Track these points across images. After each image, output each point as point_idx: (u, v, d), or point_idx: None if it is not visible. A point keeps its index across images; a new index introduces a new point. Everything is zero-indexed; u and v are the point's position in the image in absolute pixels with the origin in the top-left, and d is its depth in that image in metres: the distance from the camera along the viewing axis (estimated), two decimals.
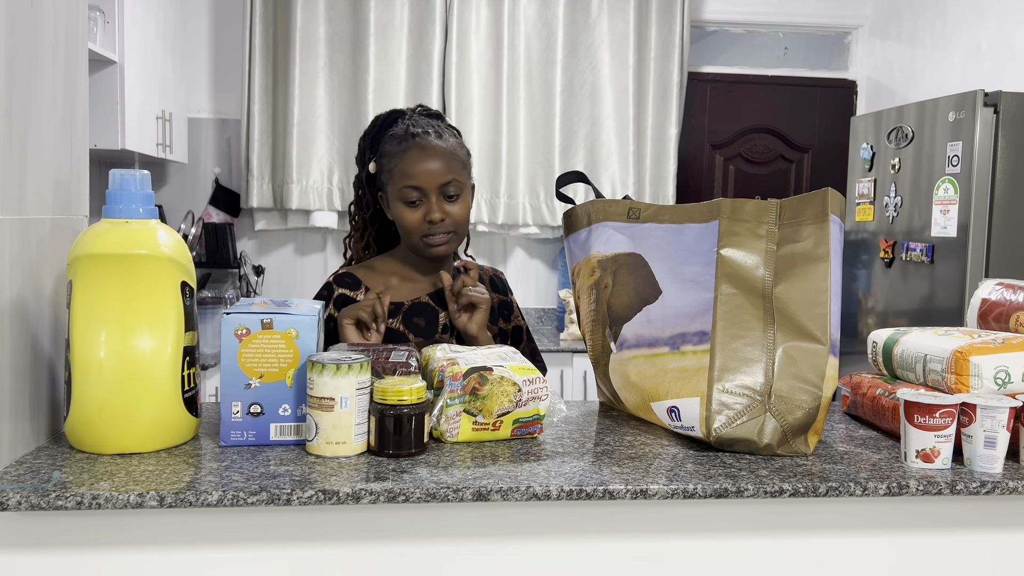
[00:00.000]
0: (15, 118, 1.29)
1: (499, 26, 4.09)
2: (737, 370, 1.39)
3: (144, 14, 3.40)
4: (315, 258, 4.23)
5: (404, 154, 1.64)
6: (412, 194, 1.62)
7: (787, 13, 4.45)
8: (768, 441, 1.36)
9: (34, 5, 1.34)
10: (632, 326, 1.52)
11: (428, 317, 1.70)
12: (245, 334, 1.33)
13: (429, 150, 1.63)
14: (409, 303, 1.70)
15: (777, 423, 1.36)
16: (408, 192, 1.63)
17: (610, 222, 1.58)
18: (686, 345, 1.44)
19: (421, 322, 1.69)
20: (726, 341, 1.40)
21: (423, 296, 1.71)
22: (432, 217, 1.62)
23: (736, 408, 1.37)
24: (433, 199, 1.63)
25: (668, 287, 1.49)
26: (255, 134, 3.97)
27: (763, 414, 1.37)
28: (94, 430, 1.29)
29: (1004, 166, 2.96)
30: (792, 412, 1.37)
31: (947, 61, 3.83)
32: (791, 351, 1.39)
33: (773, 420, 1.36)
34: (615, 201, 1.59)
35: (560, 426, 1.52)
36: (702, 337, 1.42)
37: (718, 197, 4.50)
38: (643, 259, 1.53)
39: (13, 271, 1.27)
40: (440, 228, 1.63)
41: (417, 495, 1.18)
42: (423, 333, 1.69)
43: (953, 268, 3.05)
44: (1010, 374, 1.41)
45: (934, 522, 1.37)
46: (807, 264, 1.44)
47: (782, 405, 1.37)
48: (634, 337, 1.52)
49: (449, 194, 1.64)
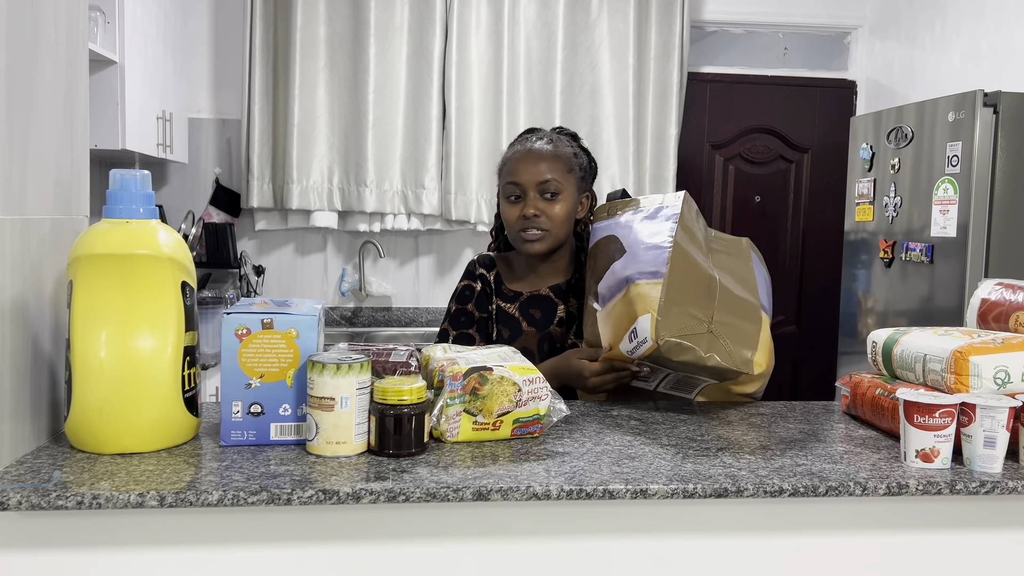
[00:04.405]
0: (15, 118, 1.29)
1: (499, 26, 4.09)
2: (684, 300, 1.58)
3: (144, 14, 3.40)
4: (315, 258, 4.23)
5: (513, 156, 1.80)
6: (513, 190, 1.76)
7: (787, 13, 4.45)
8: (711, 353, 1.52)
9: (34, 5, 1.34)
10: (604, 281, 1.69)
11: (545, 309, 1.83)
12: (245, 334, 1.33)
13: (533, 151, 1.77)
14: (528, 294, 1.82)
15: (721, 344, 1.55)
16: (510, 188, 1.76)
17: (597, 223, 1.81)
18: (642, 279, 1.61)
19: (537, 313, 1.81)
20: (676, 276, 1.60)
21: (543, 289, 1.83)
22: (526, 212, 1.73)
23: (683, 323, 1.54)
24: (530, 195, 1.74)
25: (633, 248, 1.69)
26: (255, 134, 3.97)
27: (707, 334, 1.55)
28: (94, 430, 1.29)
29: (1004, 166, 2.96)
30: (735, 341, 1.57)
31: (947, 61, 3.83)
32: (731, 296, 1.62)
33: (718, 341, 1.55)
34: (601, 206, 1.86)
35: (560, 426, 1.53)
36: (655, 275, 1.60)
37: (718, 197, 4.52)
38: (616, 236, 1.74)
39: (13, 271, 1.27)
40: (534, 224, 1.74)
41: (417, 495, 1.18)
42: (537, 324, 1.80)
43: (953, 268, 3.05)
44: (1010, 374, 1.41)
45: (934, 522, 1.37)
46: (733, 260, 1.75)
47: (725, 332, 1.57)
48: (606, 289, 1.68)
49: (548, 192, 1.74)
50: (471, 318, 1.82)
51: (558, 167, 1.76)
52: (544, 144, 1.78)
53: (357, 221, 4.13)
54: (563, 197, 1.75)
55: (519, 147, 1.81)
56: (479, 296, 1.82)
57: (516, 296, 1.82)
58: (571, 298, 1.85)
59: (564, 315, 1.82)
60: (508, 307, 1.81)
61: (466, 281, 1.85)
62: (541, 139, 1.80)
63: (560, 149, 1.79)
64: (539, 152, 1.76)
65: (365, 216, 4.12)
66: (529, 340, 1.81)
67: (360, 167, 4.04)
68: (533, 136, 1.83)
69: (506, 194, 1.77)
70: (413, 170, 4.10)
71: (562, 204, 1.75)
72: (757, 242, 2.05)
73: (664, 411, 1.68)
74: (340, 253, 4.24)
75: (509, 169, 1.78)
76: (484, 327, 1.82)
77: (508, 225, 1.78)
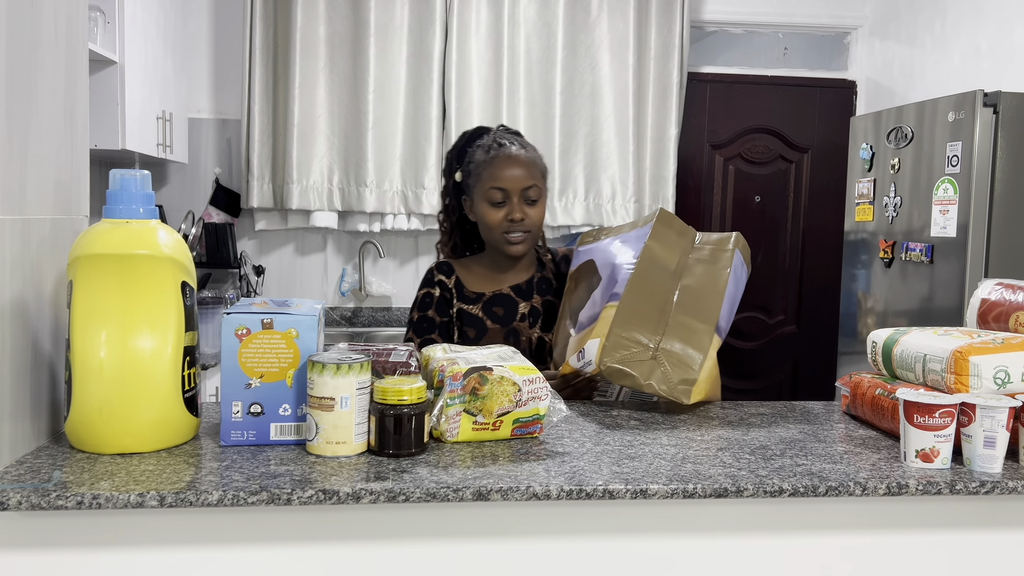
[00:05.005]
0: (15, 118, 1.29)
1: (499, 26, 4.09)
2: (634, 324, 1.65)
3: (144, 14, 3.40)
4: (315, 258, 4.23)
5: (493, 160, 1.86)
6: (497, 195, 1.84)
7: (787, 13, 4.45)
8: (651, 382, 1.59)
9: (34, 5, 1.34)
10: (586, 310, 1.78)
11: (507, 307, 1.90)
12: (245, 334, 1.33)
13: (515, 158, 1.86)
14: (490, 294, 1.90)
15: (661, 372, 1.61)
16: (494, 193, 1.83)
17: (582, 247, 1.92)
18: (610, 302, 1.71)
19: (500, 311, 1.90)
20: (630, 300, 1.68)
21: (504, 288, 1.91)
22: (514, 216, 1.83)
23: (628, 351, 1.62)
24: (515, 200, 1.83)
25: (605, 273, 1.78)
26: (255, 134, 3.97)
27: (650, 360, 1.62)
28: (94, 430, 1.29)
29: (1003, 166, 2.96)
30: (676, 367, 1.61)
31: (947, 61, 3.83)
32: (683, 321, 1.67)
33: (659, 369, 1.61)
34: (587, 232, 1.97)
35: (560, 426, 1.53)
36: (615, 296, 1.70)
37: (718, 197, 4.52)
38: (594, 262, 1.84)
39: (13, 271, 1.27)
40: (519, 227, 1.84)
41: (417, 495, 1.18)
42: (501, 320, 1.88)
43: (953, 268, 3.05)
44: (1009, 374, 1.41)
45: (934, 522, 1.37)
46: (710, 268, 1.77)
47: (668, 359, 1.63)
48: (586, 319, 1.76)
49: (530, 198, 1.85)
50: (432, 324, 1.89)
51: (536, 173, 1.87)
52: (520, 150, 1.88)
53: (357, 221, 4.13)
54: (541, 201, 1.88)
55: (497, 152, 1.87)
56: (439, 302, 1.90)
57: (479, 297, 1.89)
58: (534, 295, 1.93)
59: (527, 311, 1.90)
60: (471, 308, 1.88)
61: (425, 289, 1.92)
62: (515, 144, 1.89)
63: (534, 155, 1.90)
64: (520, 158, 1.86)
65: (365, 216, 4.12)
66: (495, 336, 1.88)
67: (360, 167, 4.04)
68: (504, 140, 1.90)
69: (490, 198, 1.84)
70: (413, 170, 4.10)
71: (540, 208, 1.87)
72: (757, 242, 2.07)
73: (664, 411, 1.68)
74: (340, 253, 4.24)
75: (492, 174, 1.84)
76: (446, 332, 1.90)
77: (491, 227, 1.85)
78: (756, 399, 2.48)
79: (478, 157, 1.89)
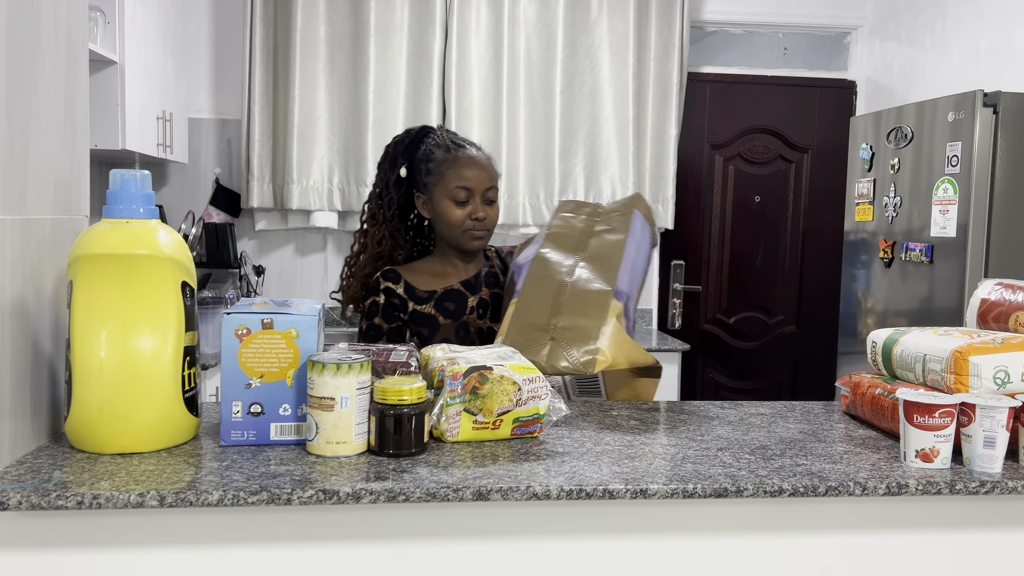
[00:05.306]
0: (15, 118, 1.29)
1: (499, 26, 4.09)
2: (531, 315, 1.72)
3: (144, 14, 3.40)
4: (315, 258, 4.23)
5: (457, 160, 1.91)
6: (462, 194, 1.88)
7: (787, 13, 4.45)
8: (552, 363, 1.62)
9: (34, 5, 1.34)
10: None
11: (458, 301, 1.93)
12: (245, 334, 1.33)
13: (475, 159, 1.93)
14: (442, 290, 1.94)
15: (562, 351, 1.63)
16: (459, 192, 1.88)
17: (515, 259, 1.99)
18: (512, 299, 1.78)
19: (451, 306, 1.93)
20: (528, 291, 1.77)
21: (454, 284, 1.95)
22: (478, 215, 1.89)
23: (524, 337, 1.67)
24: (478, 199, 1.89)
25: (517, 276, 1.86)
26: (255, 134, 3.97)
27: (549, 342, 1.65)
28: (94, 430, 1.29)
29: (1003, 166, 2.96)
30: (573, 342, 1.64)
31: (947, 61, 3.83)
32: (578, 294, 1.73)
33: (559, 349, 1.64)
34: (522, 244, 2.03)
35: (560, 426, 1.53)
36: (516, 294, 1.78)
37: (718, 197, 4.52)
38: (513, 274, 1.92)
39: (14, 271, 1.27)
40: (481, 225, 1.91)
41: (417, 495, 1.18)
42: (452, 315, 1.92)
43: (952, 268, 3.05)
44: (1009, 374, 1.41)
45: (934, 522, 1.37)
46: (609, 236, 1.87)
47: (564, 336, 1.66)
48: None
49: (490, 199, 1.92)
50: (380, 331, 1.90)
51: (494, 175, 1.95)
52: (479, 152, 1.96)
53: (357, 221, 4.12)
54: (497, 201, 1.95)
55: (459, 152, 1.92)
56: (384, 308, 1.91)
57: (431, 295, 1.93)
58: (482, 287, 1.98)
59: (476, 303, 1.95)
60: (424, 308, 1.92)
61: (371, 298, 1.93)
62: (472, 146, 1.96)
63: (489, 158, 1.98)
64: (480, 160, 1.93)
65: None
66: (447, 331, 1.91)
67: (360, 167, 4.04)
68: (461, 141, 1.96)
69: (454, 196, 1.89)
70: None
71: (497, 207, 1.95)
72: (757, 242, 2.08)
73: (664, 411, 1.68)
74: (340, 253, 4.24)
75: (458, 173, 1.90)
76: (395, 336, 1.91)
77: (453, 224, 1.89)
78: (756, 399, 2.48)
79: (438, 156, 1.92)
